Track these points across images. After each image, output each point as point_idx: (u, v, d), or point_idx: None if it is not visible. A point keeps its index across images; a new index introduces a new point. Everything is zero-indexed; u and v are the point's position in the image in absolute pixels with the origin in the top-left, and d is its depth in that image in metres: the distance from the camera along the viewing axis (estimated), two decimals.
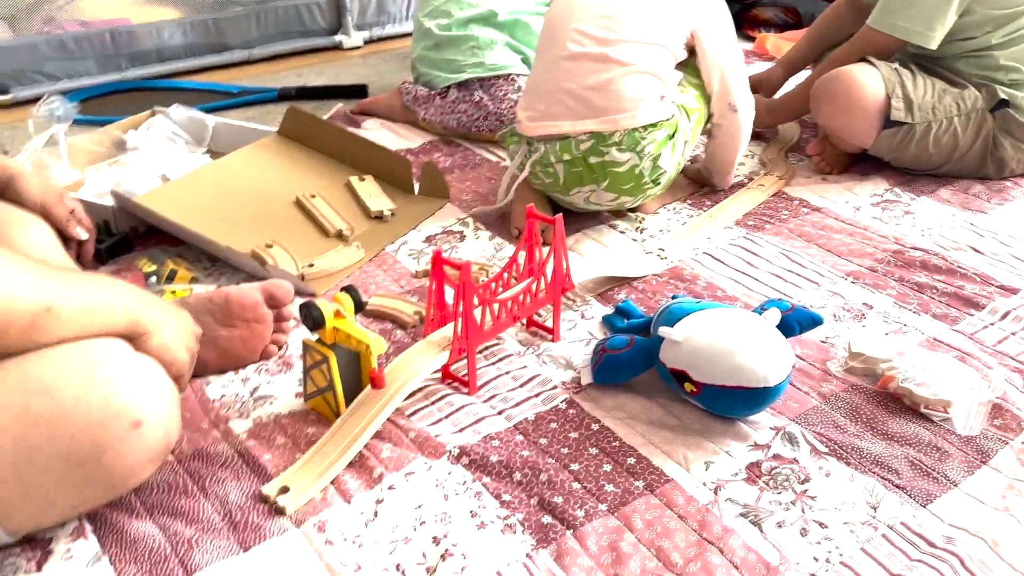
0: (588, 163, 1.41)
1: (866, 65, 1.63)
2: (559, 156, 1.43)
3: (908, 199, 1.62)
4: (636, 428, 1.05)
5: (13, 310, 0.78)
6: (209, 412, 1.08)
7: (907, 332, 1.22)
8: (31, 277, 0.80)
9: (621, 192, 1.45)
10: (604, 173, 1.42)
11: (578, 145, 1.41)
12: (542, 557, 0.87)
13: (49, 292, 0.81)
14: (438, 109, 1.93)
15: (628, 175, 1.42)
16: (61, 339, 0.82)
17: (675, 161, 1.46)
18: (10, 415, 0.78)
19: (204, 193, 1.49)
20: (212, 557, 0.87)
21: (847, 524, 0.91)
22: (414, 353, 1.09)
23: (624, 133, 1.39)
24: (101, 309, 0.86)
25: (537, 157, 1.46)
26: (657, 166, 1.43)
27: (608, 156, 1.40)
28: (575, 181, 1.45)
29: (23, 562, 0.87)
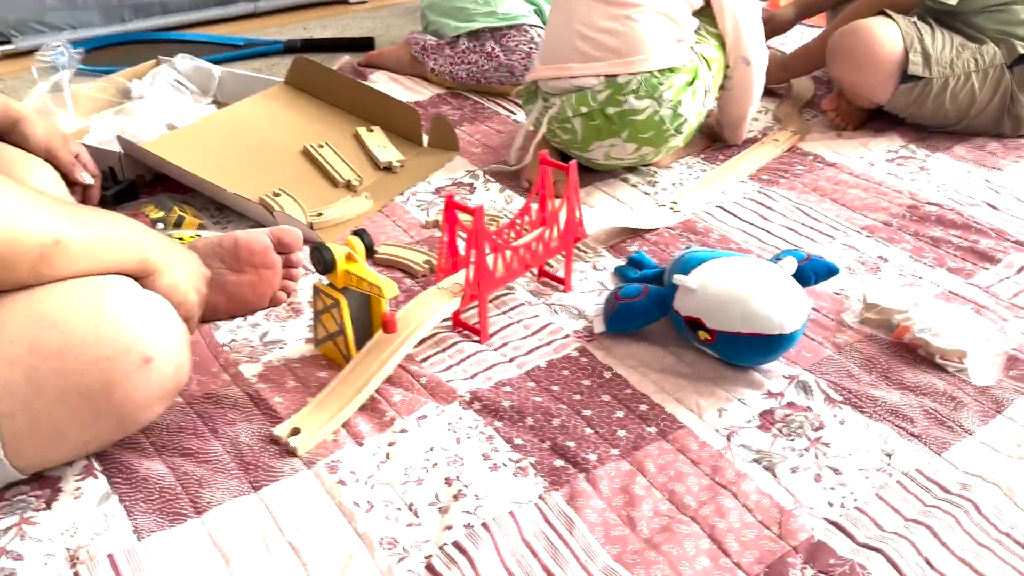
0: (606, 114, 1.39)
1: (884, 19, 1.60)
2: (576, 109, 1.40)
3: (923, 155, 1.60)
4: (648, 376, 1.04)
5: (22, 242, 0.77)
6: (219, 356, 1.08)
7: (922, 285, 1.21)
8: (40, 209, 0.79)
9: (642, 143, 1.42)
10: (623, 123, 1.39)
11: (595, 96, 1.38)
12: (554, 499, 0.87)
13: (59, 225, 0.80)
14: (447, 59, 1.90)
15: (648, 123, 1.39)
16: (70, 274, 0.81)
17: (696, 110, 1.43)
18: (20, 348, 0.77)
19: (211, 141, 1.48)
20: (223, 496, 0.87)
21: (862, 470, 0.90)
22: (425, 299, 1.08)
23: (641, 79, 1.36)
24: (111, 245, 0.85)
25: (554, 112, 1.43)
26: (678, 114, 1.40)
27: (626, 105, 1.37)
28: (593, 135, 1.42)
29: (32, 500, 0.87)
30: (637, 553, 0.81)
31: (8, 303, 0.79)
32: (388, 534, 0.83)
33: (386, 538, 0.82)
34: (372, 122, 1.64)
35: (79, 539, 0.82)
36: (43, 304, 0.79)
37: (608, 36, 1.37)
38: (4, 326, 0.78)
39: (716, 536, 0.82)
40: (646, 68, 1.36)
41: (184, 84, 1.78)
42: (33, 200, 0.80)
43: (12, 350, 0.77)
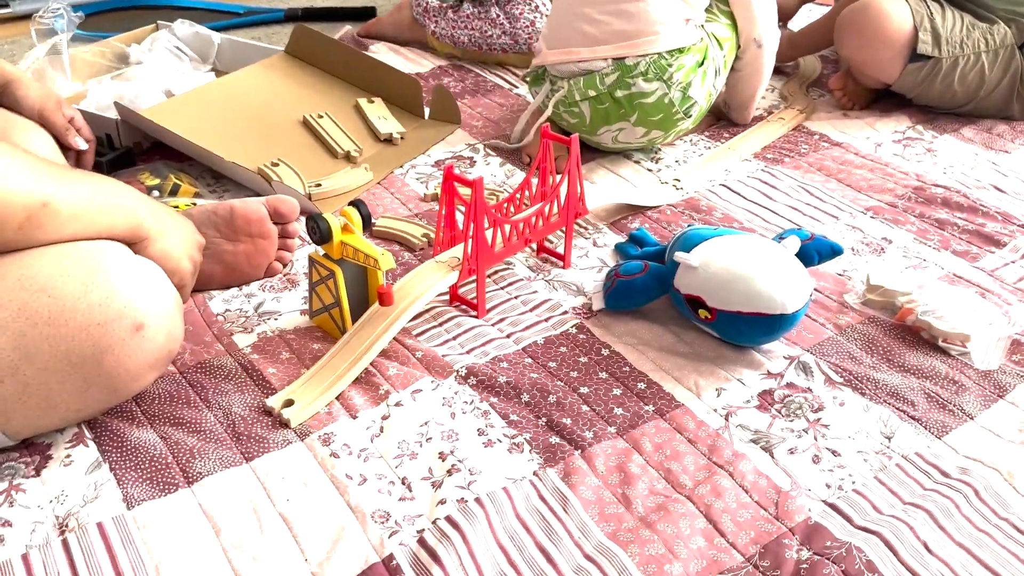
0: (615, 98, 1.36)
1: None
2: (584, 93, 1.37)
3: (930, 137, 1.58)
4: (647, 354, 1.03)
5: (9, 203, 0.75)
6: (212, 326, 1.06)
7: (926, 267, 1.19)
8: (29, 170, 0.78)
9: (651, 126, 1.40)
10: (632, 106, 1.36)
11: (603, 79, 1.35)
12: (549, 475, 0.86)
13: (48, 187, 0.78)
14: (449, 23, 1.87)
15: (657, 106, 1.36)
16: (59, 237, 0.80)
17: (706, 91, 1.40)
18: (9, 313, 0.76)
19: (210, 109, 1.45)
20: (214, 466, 0.86)
21: (861, 453, 0.89)
22: (422, 272, 1.07)
23: (649, 61, 1.33)
24: (101, 210, 0.83)
25: (561, 96, 1.40)
26: (687, 96, 1.37)
27: (635, 87, 1.34)
28: (602, 119, 1.40)
29: (22, 467, 0.86)
30: (632, 531, 0.80)
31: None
32: (381, 508, 0.82)
33: (378, 511, 0.81)
34: (373, 93, 1.62)
35: (68, 506, 0.81)
36: (33, 269, 0.78)
37: (615, 18, 1.34)
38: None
39: (712, 516, 0.82)
40: (654, 50, 1.33)
41: (183, 50, 1.75)
42: (22, 161, 0.78)
43: (1, 315, 0.76)
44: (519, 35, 1.80)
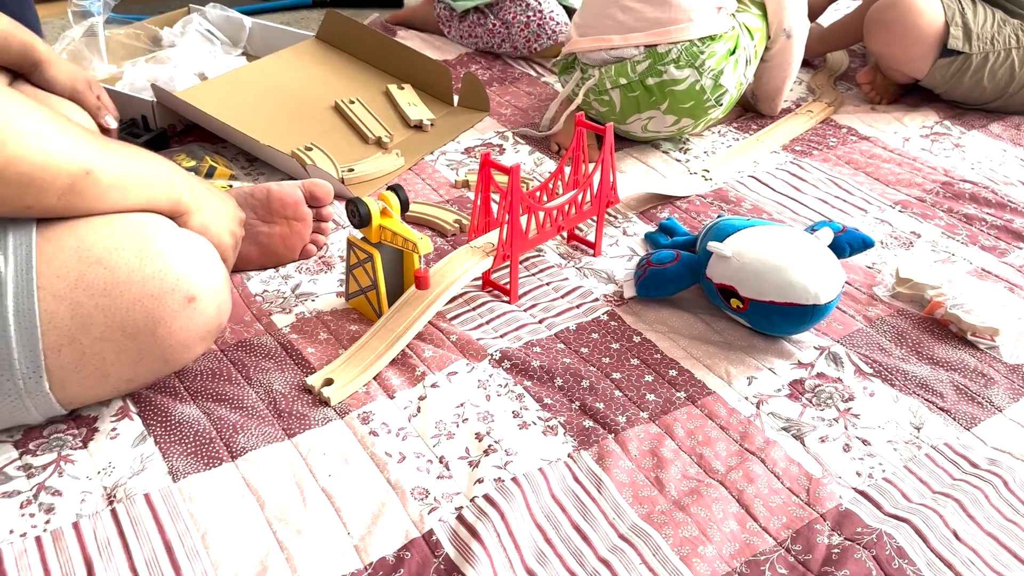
0: (645, 86, 1.37)
1: None
2: (615, 81, 1.38)
3: (958, 132, 1.58)
4: (678, 342, 1.04)
5: (52, 169, 0.76)
6: (251, 305, 1.08)
7: (955, 262, 1.20)
8: (75, 138, 0.79)
9: (682, 114, 1.40)
10: (663, 94, 1.37)
11: (634, 67, 1.36)
12: (584, 458, 0.87)
13: (90, 156, 0.80)
14: (458, 31, 1.91)
15: (688, 93, 1.37)
16: (99, 208, 0.81)
17: (737, 80, 1.41)
18: (67, 283, 0.78)
19: (244, 93, 1.47)
20: (257, 442, 0.88)
21: (890, 442, 0.90)
22: (457, 257, 1.08)
23: (682, 48, 1.34)
24: (141, 182, 0.84)
25: (592, 84, 1.41)
26: (719, 84, 1.37)
27: (666, 75, 1.35)
28: (632, 108, 1.40)
29: (69, 439, 0.88)
30: (665, 514, 0.81)
31: (55, 238, 0.79)
32: (420, 484, 0.84)
33: (417, 488, 0.83)
34: (403, 79, 1.63)
35: (116, 478, 0.84)
36: (88, 241, 0.80)
37: (648, 6, 1.35)
38: (51, 260, 0.78)
39: (744, 501, 0.83)
40: (686, 37, 1.34)
41: (214, 34, 1.77)
42: (68, 129, 0.79)
43: (59, 284, 0.78)
44: (516, 39, 1.81)
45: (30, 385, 0.81)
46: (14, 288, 0.77)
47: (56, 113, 0.81)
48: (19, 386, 0.80)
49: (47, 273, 0.79)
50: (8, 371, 0.79)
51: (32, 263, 0.78)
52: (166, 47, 1.71)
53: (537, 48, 1.82)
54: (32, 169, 0.75)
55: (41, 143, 0.76)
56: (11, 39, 1.06)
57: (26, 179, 0.75)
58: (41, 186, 0.77)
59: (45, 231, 0.80)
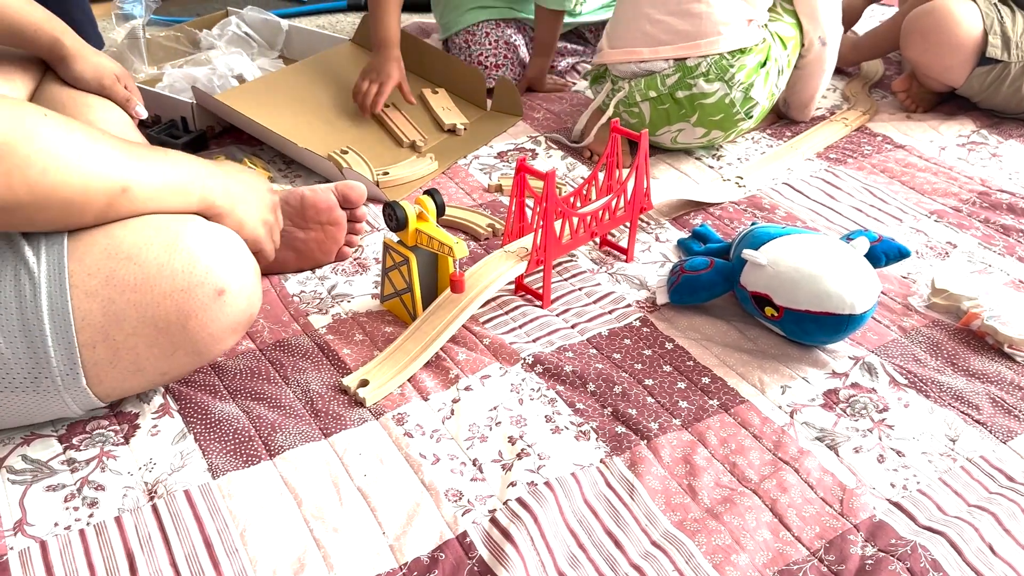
0: (675, 98, 1.37)
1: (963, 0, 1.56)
2: (644, 94, 1.38)
3: (995, 142, 1.56)
4: (711, 350, 1.05)
5: (92, 191, 0.79)
6: (289, 306, 1.10)
7: (991, 273, 1.19)
8: (113, 154, 0.80)
9: (711, 126, 1.40)
10: (692, 107, 1.37)
11: (664, 80, 1.36)
12: (616, 463, 0.88)
13: (127, 171, 0.81)
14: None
15: (718, 106, 1.37)
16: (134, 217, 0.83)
17: (768, 91, 1.41)
18: (98, 280, 0.80)
19: (281, 95, 1.49)
20: (295, 441, 0.89)
21: (925, 454, 0.90)
22: (492, 261, 1.09)
23: (711, 62, 1.34)
24: (176, 190, 0.86)
25: (622, 96, 1.41)
26: (749, 97, 1.37)
27: (696, 88, 1.35)
28: (662, 120, 1.41)
29: (111, 435, 0.90)
30: (698, 521, 0.82)
31: (86, 237, 0.81)
32: (453, 486, 0.85)
33: (451, 490, 0.84)
34: (437, 84, 1.65)
35: (156, 474, 0.85)
36: (118, 239, 0.81)
37: (678, 19, 1.35)
38: (82, 259, 0.80)
39: (777, 510, 0.83)
40: (716, 51, 1.34)
41: (252, 37, 1.79)
42: (104, 146, 0.81)
43: (90, 282, 0.80)
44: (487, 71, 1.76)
45: (68, 382, 0.83)
46: (47, 288, 0.79)
47: (91, 128, 0.82)
48: (57, 383, 0.82)
49: (79, 272, 0.80)
50: (46, 369, 0.81)
51: (64, 262, 0.80)
52: (205, 49, 1.73)
53: None
54: (72, 194, 0.77)
55: (81, 166, 0.77)
56: (40, 31, 1.06)
57: (67, 203, 0.78)
58: (81, 208, 0.79)
59: (76, 232, 0.82)
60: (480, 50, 1.73)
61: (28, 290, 0.79)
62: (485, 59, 1.73)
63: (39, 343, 0.80)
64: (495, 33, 1.74)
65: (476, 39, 1.74)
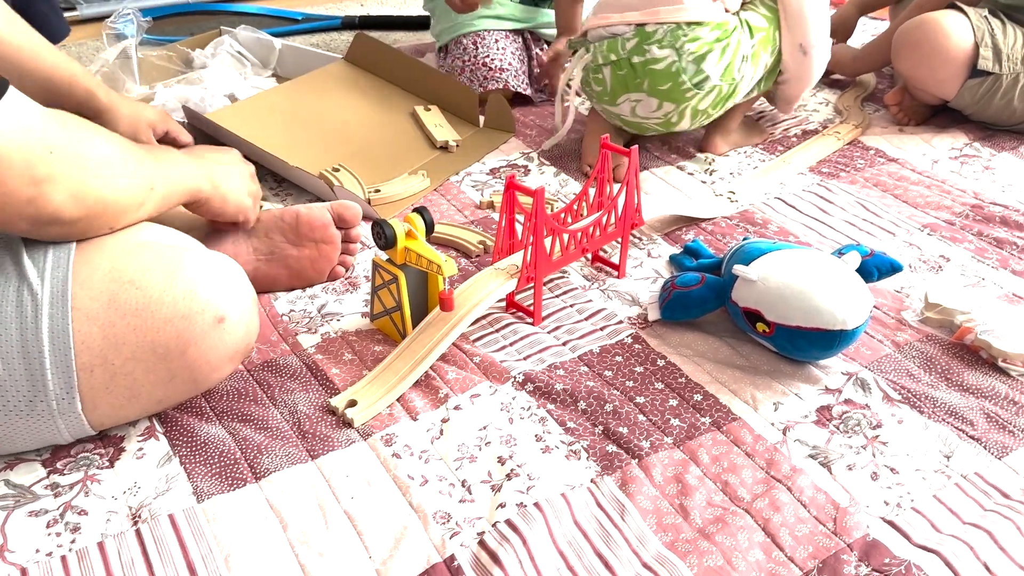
0: (631, 63, 1.37)
1: (953, 12, 1.56)
2: (606, 57, 1.39)
3: (988, 154, 1.56)
4: (703, 366, 1.04)
5: (134, 192, 0.84)
6: (278, 326, 1.09)
7: (985, 286, 1.18)
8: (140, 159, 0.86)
9: (662, 96, 1.38)
10: (645, 72, 1.37)
11: (624, 44, 1.37)
12: (607, 483, 0.87)
13: (152, 172, 0.87)
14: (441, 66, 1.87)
15: (665, 74, 1.36)
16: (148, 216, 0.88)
17: (722, 68, 1.37)
18: (100, 303, 0.80)
19: (273, 114, 1.49)
20: (281, 463, 0.88)
21: (919, 471, 0.89)
22: (482, 279, 1.08)
23: (667, 29, 1.34)
24: (176, 184, 0.92)
25: (588, 60, 1.42)
26: (700, 69, 1.35)
27: (648, 54, 1.35)
28: (621, 87, 1.40)
29: (96, 458, 0.89)
30: (690, 542, 0.81)
31: (90, 261, 0.81)
32: (442, 508, 0.84)
33: (440, 512, 0.83)
34: (430, 100, 1.65)
35: (141, 498, 0.84)
36: (121, 262, 0.81)
37: None
38: (85, 282, 0.80)
39: (770, 530, 0.82)
40: (674, 19, 1.34)
41: (245, 56, 1.80)
42: (132, 150, 0.85)
43: (92, 305, 0.80)
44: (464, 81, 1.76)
45: (63, 406, 0.82)
46: (49, 310, 0.79)
47: (119, 137, 0.85)
48: (52, 407, 0.81)
49: (81, 295, 0.80)
50: (42, 392, 0.80)
51: (68, 285, 0.80)
52: (198, 68, 1.74)
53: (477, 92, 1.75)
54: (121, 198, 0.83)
55: (126, 171, 0.83)
56: (75, 85, 1.07)
57: (119, 209, 0.83)
58: (125, 210, 0.84)
59: (82, 254, 0.82)
60: (487, 52, 1.75)
61: (30, 310, 0.79)
62: (491, 61, 1.74)
63: (37, 365, 0.79)
64: (504, 41, 1.77)
65: (485, 42, 1.76)
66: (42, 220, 0.77)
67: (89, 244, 0.83)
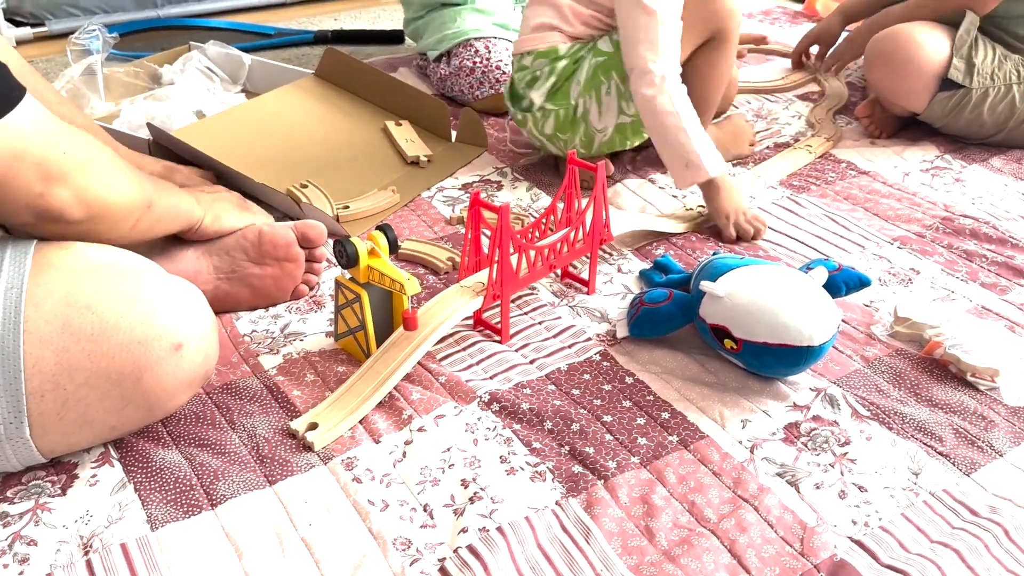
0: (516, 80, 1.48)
1: (926, 24, 1.56)
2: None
3: (959, 167, 1.56)
4: (672, 383, 1.03)
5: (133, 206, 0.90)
6: (239, 347, 1.07)
7: (954, 299, 1.18)
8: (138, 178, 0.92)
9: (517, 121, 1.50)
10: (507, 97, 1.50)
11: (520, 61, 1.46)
12: (572, 505, 0.85)
13: (151, 191, 0.94)
14: (434, 75, 1.87)
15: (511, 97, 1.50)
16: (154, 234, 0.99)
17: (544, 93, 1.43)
18: (54, 328, 0.78)
19: (240, 130, 1.47)
20: (238, 489, 0.86)
21: (887, 488, 0.88)
22: (447, 297, 1.07)
23: (516, 59, 1.45)
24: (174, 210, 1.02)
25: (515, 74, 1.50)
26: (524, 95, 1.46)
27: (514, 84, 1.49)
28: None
29: (48, 486, 0.87)
30: (655, 565, 0.79)
31: (46, 284, 0.80)
32: (402, 534, 0.82)
33: (400, 538, 0.81)
34: (401, 115, 1.63)
35: (93, 527, 0.82)
36: (78, 287, 0.80)
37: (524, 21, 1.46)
38: (39, 305, 0.78)
39: (736, 551, 0.81)
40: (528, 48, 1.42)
41: (214, 71, 1.78)
42: (131, 169, 0.91)
43: (46, 329, 0.78)
44: (463, 85, 1.77)
45: (11, 431, 0.80)
46: (1, 331, 0.77)
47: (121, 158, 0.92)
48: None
49: (35, 318, 0.78)
50: None
51: (21, 307, 0.78)
52: (166, 85, 1.72)
53: (479, 96, 1.77)
54: (121, 209, 0.88)
55: (128, 184, 0.89)
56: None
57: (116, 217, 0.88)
58: (125, 221, 0.90)
59: (37, 275, 0.80)
60: (499, 56, 1.76)
61: None
62: (504, 64, 1.76)
63: None
64: (505, 42, 1.79)
65: (496, 47, 1.77)
66: (48, 216, 0.81)
67: (46, 265, 0.81)
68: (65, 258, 0.83)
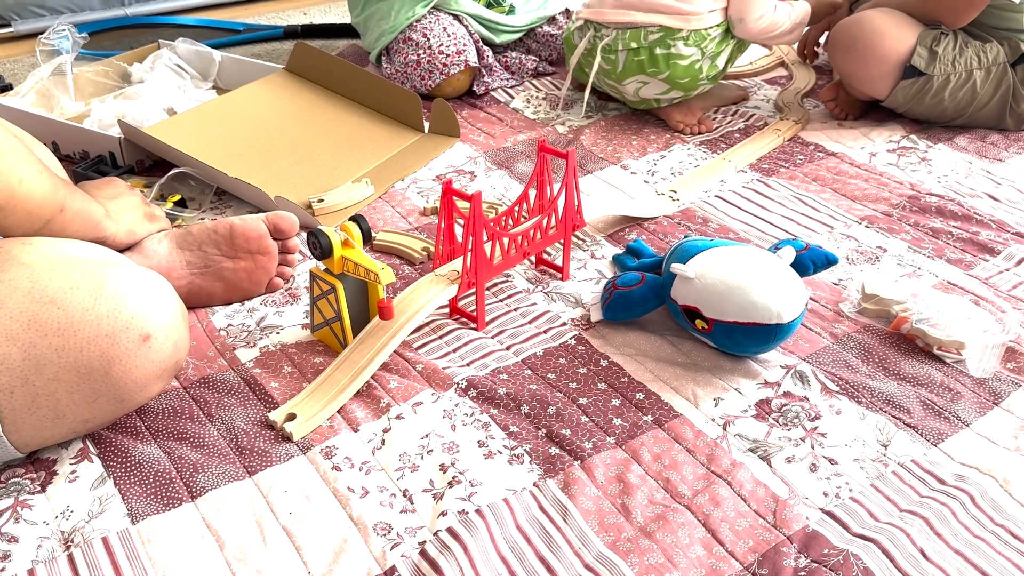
0: (653, 53, 1.55)
1: (889, 12, 1.58)
2: (627, 44, 1.56)
3: (924, 146, 1.59)
4: (645, 365, 1.04)
5: (45, 205, 0.89)
6: (215, 341, 1.08)
7: (921, 275, 1.20)
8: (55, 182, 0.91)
9: (676, 86, 1.59)
10: (668, 64, 1.55)
11: (647, 35, 1.54)
12: (549, 486, 0.87)
13: (64, 196, 0.93)
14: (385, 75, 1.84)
15: (688, 68, 1.56)
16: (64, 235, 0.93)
17: (723, 63, 1.61)
18: (20, 324, 0.78)
19: (211, 126, 1.47)
20: (217, 481, 0.87)
21: (857, 461, 0.90)
22: (422, 286, 1.08)
23: (691, 30, 1.53)
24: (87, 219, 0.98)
25: (608, 41, 1.58)
26: (715, 64, 1.59)
27: (674, 49, 1.54)
28: (635, 69, 1.58)
29: (27, 483, 0.87)
30: (631, 541, 0.81)
31: (9, 280, 0.79)
32: (382, 520, 0.83)
33: (380, 523, 0.82)
34: (373, 108, 1.64)
35: (74, 522, 0.82)
36: (42, 282, 0.80)
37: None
38: (4, 302, 0.78)
39: (710, 525, 0.82)
40: (697, 26, 1.54)
41: (184, 68, 1.77)
42: (47, 171, 0.91)
43: (11, 326, 0.78)
44: (414, 80, 1.75)
45: None
46: None
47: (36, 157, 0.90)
48: None
49: (0, 315, 0.78)
50: None
51: None
52: (135, 83, 1.71)
53: (432, 85, 1.75)
54: (33, 206, 0.88)
55: (41, 184, 0.88)
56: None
57: (28, 212, 0.88)
58: (36, 217, 0.89)
59: (2, 271, 0.80)
60: (439, 40, 1.74)
61: None
62: (446, 47, 1.74)
63: None
64: (452, 27, 1.76)
65: (434, 32, 1.74)
66: None
67: (9, 260, 0.81)
68: (28, 253, 0.83)
